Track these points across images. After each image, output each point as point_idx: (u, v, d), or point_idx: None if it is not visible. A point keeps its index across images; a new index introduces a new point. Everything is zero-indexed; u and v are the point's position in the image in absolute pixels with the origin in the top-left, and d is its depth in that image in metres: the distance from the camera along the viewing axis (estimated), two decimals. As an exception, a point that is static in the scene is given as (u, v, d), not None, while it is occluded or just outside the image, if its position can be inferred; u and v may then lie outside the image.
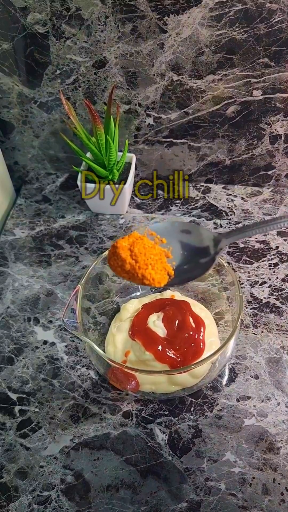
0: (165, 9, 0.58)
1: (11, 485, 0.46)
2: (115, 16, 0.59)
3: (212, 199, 0.74)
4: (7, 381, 0.53)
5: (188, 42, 0.60)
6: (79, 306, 0.48)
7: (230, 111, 0.67)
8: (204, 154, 0.73)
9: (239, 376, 0.53)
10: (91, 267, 0.52)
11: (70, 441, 0.49)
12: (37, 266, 0.65)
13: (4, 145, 0.76)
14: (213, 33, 0.59)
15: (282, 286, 0.62)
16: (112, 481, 0.46)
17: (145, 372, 0.47)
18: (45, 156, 0.77)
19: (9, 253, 0.67)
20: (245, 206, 0.73)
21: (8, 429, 0.50)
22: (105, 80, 0.66)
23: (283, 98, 0.65)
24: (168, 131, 0.71)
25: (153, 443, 0.48)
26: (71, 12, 0.59)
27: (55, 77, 0.66)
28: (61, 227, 0.70)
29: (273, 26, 0.58)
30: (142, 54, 0.62)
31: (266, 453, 0.47)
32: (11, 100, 0.69)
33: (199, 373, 0.48)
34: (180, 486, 0.45)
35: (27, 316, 0.59)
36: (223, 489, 0.45)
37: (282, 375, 0.53)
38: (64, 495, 0.45)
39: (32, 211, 0.73)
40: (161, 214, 0.72)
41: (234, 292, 0.50)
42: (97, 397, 0.52)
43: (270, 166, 0.73)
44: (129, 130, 0.71)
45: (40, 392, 0.52)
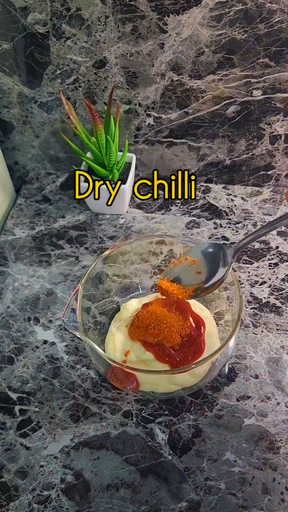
0: (165, 9, 0.58)
1: (11, 484, 0.46)
2: (115, 16, 0.59)
3: (212, 199, 0.74)
4: (7, 381, 0.53)
5: (188, 42, 0.61)
6: (79, 306, 0.48)
7: (230, 111, 0.67)
8: (204, 154, 0.73)
9: (239, 376, 0.53)
10: (91, 267, 0.52)
11: (70, 441, 0.49)
12: (37, 266, 0.65)
13: (4, 145, 0.76)
14: (213, 33, 0.59)
15: (282, 286, 0.62)
16: (112, 481, 0.46)
17: (145, 372, 0.47)
18: (45, 156, 0.77)
19: (9, 253, 0.67)
20: (245, 206, 0.73)
21: (8, 428, 0.50)
22: (105, 80, 0.66)
23: (283, 98, 0.65)
24: (168, 131, 0.71)
25: (153, 443, 0.48)
26: (71, 12, 0.59)
27: (55, 77, 0.66)
28: (61, 227, 0.70)
29: (273, 26, 0.58)
30: (142, 54, 0.62)
31: (266, 452, 0.47)
32: (11, 100, 0.69)
33: (199, 373, 0.49)
34: (180, 485, 0.46)
35: (27, 316, 0.59)
36: (223, 488, 0.45)
37: (282, 375, 0.53)
38: (64, 494, 0.45)
39: (32, 211, 0.73)
40: (161, 214, 0.72)
41: (234, 292, 0.50)
42: (97, 396, 0.52)
43: (270, 166, 0.73)
44: (129, 130, 0.71)
45: (40, 392, 0.52)
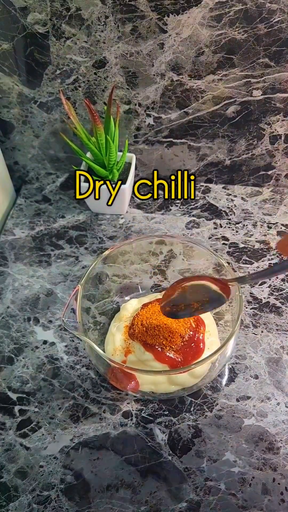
0: (165, 9, 0.58)
1: (11, 484, 0.46)
2: (115, 16, 0.59)
3: (212, 199, 0.74)
4: (7, 381, 0.53)
5: (188, 42, 0.60)
6: (79, 306, 0.48)
7: (230, 111, 0.67)
8: (204, 154, 0.73)
9: (239, 376, 0.53)
10: (91, 267, 0.52)
11: (70, 441, 0.49)
12: (37, 266, 0.65)
13: (4, 145, 0.76)
14: (213, 33, 0.59)
15: (282, 286, 0.62)
16: (112, 481, 0.46)
17: (145, 372, 0.47)
18: (45, 156, 0.77)
19: (9, 253, 0.67)
20: (245, 206, 0.73)
21: (8, 429, 0.50)
22: (105, 80, 0.66)
23: (283, 98, 0.65)
24: (168, 131, 0.71)
25: (153, 443, 0.48)
26: (71, 12, 0.59)
27: (55, 77, 0.66)
28: (61, 227, 0.70)
29: (273, 26, 0.58)
30: (142, 54, 0.62)
31: (266, 453, 0.47)
32: (11, 100, 0.69)
33: (199, 373, 0.48)
34: (180, 486, 0.45)
35: (27, 316, 0.59)
36: (223, 489, 0.45)
37: (282, 375, 0.53)
38: (64, 495, 0.45)
39: (32, 211, 0.73)
40: (161, 214, 0.72)
41: (234, 292, 0.50)
42: (97, 397, 0.52)
43: (270, 166, 0.73)
44: (129, 130, 0.71)
45: (40, 392, 0.52)
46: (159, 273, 0.60)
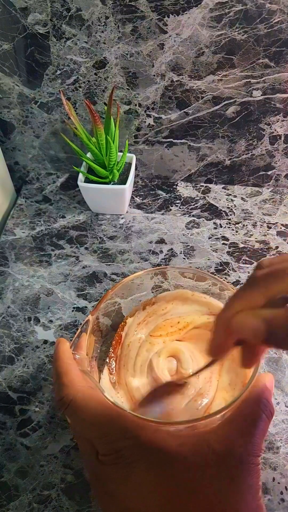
0: (165, 9, 0.58)
1: (11, 484, 0.46)
2: (115, 17, 0.59)
3: (212, 199, 0.75)
4: (7, 381, 0.53)
5: (188, 43, 0.61)
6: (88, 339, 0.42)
7: (230, 111, 0.67)
8: (204, 154, 0.73)
9: (238, 376, 0.53)
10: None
11: (70, 441, 0.49)
12: (37, 266, 0.65)
13: (5, 145, 0.76)
14: (213, 33, 0.59)
15: (282, 286, 0.62)
16: (112, 480, 0.46)
17: (155, 423, 0.35)
18: (45, 156, 0.77)
19: (10, 253, 0.67)
20: (245, 206, 0.73)
21: (8, 428, 0.50)
22: (105, 81, 0.66)
23: (283, 98, 0.65)
24: (168, 131, 0.71)
25: (153, 443, 0.48)
26: (71, 13, 0.59)
27: (56, 77, 0.66)
28: (62, 227, 0.71)
29: (273, 27, 0.58)
30: (142, 54, 0.62)
31: (266, 452, 0.47)
32: (11, 100, 0.69)
33: None
34: (180, 485, 0.46)
35: (28, 316, 0.59)
36: (223, 488, 0.45)
37: (282, 375, 0.53)
38: (64, 494, 0.45)
39: (33, 211, 0.73)
40: (161, 214, 0.72)
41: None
42: (97, 396, 0.52)
43: (270, 166, 0.73)
44: (129, 130, 0.71)
45: (40, 392, 0.52)
46: (159, 273, 0.60)
